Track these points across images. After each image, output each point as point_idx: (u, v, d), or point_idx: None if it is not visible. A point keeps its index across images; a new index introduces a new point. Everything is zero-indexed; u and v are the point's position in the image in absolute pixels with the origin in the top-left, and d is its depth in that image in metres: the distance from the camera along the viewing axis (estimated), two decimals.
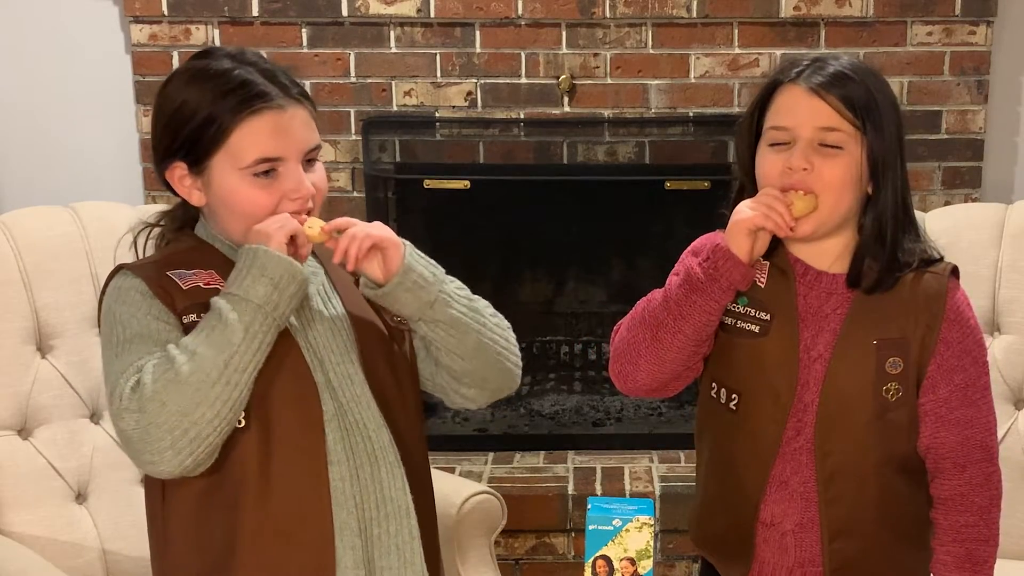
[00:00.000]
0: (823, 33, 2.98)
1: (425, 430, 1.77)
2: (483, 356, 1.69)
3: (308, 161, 1.64)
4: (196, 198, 1.64)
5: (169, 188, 1.66)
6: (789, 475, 1.66)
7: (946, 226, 2.42)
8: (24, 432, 2.15)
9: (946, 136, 3.04)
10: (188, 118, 1.59)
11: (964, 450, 1.65)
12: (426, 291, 1.63)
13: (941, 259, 1.68)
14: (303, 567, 1.59)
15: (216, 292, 1.59)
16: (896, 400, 1.63)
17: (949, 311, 1.64)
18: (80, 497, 2.18)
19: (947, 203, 3.02)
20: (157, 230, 1.72)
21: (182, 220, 1.71)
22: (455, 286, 1.69)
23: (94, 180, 3.04)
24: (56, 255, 2.20)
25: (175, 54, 2.98)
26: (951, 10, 2.94)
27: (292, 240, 1.59)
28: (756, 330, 1.65)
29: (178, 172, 1.63)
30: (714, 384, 1.71)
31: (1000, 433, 2.30)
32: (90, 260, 2.22)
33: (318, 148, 1.65)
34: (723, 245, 1.61)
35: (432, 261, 1.67)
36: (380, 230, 1.62)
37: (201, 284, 1.61)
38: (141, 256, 1.70)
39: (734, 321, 1.67)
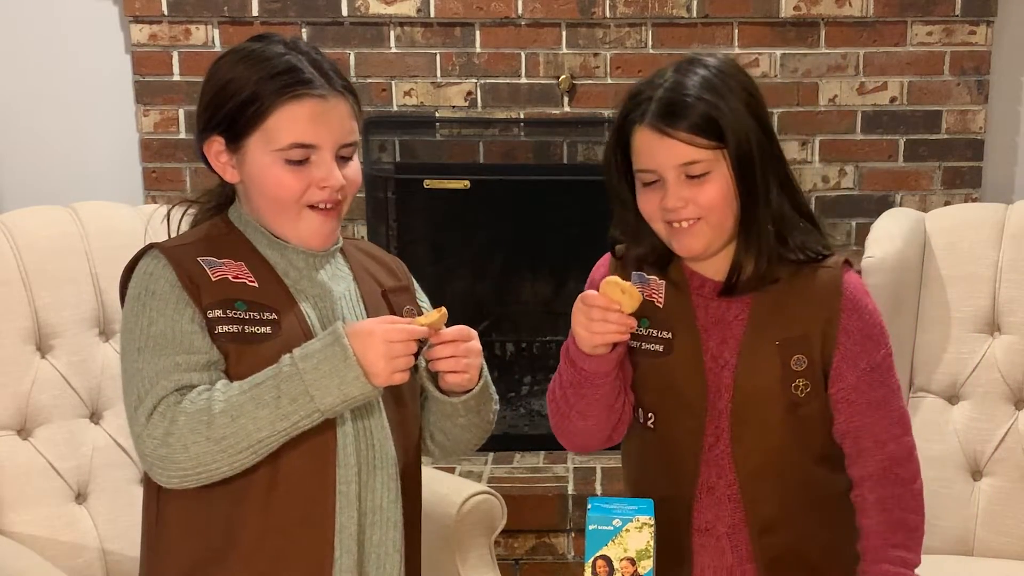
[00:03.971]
0: (823, 33, 2.98)
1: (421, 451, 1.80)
2: (464, 446, 1.81)
3: (344, 158, 1.64)
4: (230, 175, 1.65)
5: (205, 162, 1.67)
6: (715, 480, 1.67)
7: (946, 226, 2.42)
8: (24, 432, 2.15)
9: (946, 136, 3.04)
10: (232, 95, 1.60)
11: (883, 426, 1.67)
12: (470, 407, 1.71)
13: (833, 253, 1.68)
14: (302, 566, 1.59)
15: (244, 287, 1.60)
16: (805, 396, 1.64)
17: (845, 301, 1.65)
18: (80, 497, 2.18)
19: (947, 203, 3.02)
20: (185, 210, 1.73)
21: (220, 199, 1.71)
22: (490, 393, 1.75)
23: (94, 180, 3.03)
24: (56, 255, 2.20)
25: (175, 54, 2.98)
26: (951, 10, 2.95)
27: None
28: (660, 349, 1.67)
29: (215, 147, 1.63)
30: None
31: (1000, 433, 2.33)
32: (90, 260, 2.22)
33: (355, 144, 1.66)
34: (583, 350, 1.62)
35: (488, 379, 1.74)
36: (478, 358, 1.66)
37: (230, 277, 1.61)
38: (174, 233, 1.71)
39: (639, 344, 1.68)
